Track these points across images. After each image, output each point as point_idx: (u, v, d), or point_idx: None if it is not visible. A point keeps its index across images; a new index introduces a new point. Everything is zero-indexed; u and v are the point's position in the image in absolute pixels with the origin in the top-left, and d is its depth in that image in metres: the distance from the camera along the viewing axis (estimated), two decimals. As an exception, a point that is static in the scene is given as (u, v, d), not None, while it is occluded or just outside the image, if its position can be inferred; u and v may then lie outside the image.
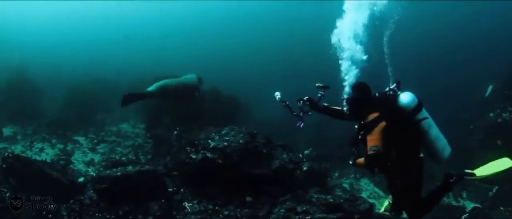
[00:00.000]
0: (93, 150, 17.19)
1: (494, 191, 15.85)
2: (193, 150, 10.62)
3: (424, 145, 6.69)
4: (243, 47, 53.43)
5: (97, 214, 9.47)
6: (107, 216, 9.39)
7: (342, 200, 10.05)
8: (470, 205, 14.92)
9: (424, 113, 6.56)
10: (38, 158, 14.44)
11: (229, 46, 54.10)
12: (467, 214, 8.75)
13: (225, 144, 10.34)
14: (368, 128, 6.12)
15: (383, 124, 6.08)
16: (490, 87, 19.95)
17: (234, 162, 10.28)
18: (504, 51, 34.39)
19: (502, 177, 7.80)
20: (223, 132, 10.88)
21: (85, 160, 15.83)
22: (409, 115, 6.45)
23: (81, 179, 11.79)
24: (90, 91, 22.77)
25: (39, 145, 16.71)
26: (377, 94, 6.69)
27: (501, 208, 14.61)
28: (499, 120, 17.91)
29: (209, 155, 10.24)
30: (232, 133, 10.78)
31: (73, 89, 22.59)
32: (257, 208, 9.82)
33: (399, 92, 6.55)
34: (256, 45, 53.42)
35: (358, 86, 6.66)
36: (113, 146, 17.71)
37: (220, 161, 10.19)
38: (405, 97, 6.43)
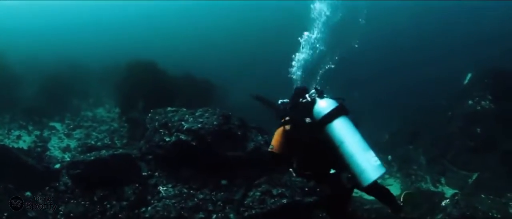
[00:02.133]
0: (69, 135, 17.13)
1: (473, 178, 15.87)
2: (166, 132, 10.43)
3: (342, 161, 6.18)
4: (221, 34, 53.33)
5: (72, 201, 9.36)
6: (82, 202, 9.25)
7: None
8: (448, 191, 14.94)
9: (339, 125, 6.15)
10: (15, 145, 14.34)
11: (206, 31, 54.01)
12: (448, 201, 8.63)
13: (199, 125, 10.13)
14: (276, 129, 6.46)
15: (286, 127, 6.35)
16: (469, 75, 20.00)
17: (208, 144, 10.08)
18: (485, 42, 34.73)
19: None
20: (197, 114, 10.69)
21: (61, 146, 15.78)
22: (316, 124, 6.27)
23: (57, 166, 11.60)
24: (66, 77, 22.57)
25: (16, 133, 16.69)
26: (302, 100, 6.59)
27: (482, 196, 14.62)
28: (478, 108, 17.94)
29: (182, 137, 10.04)
30: (206, 114, 10.59)
31: (49, 76, 22.36)
32: (233, 191, 9.70)
33: (318, 99, 6.40)
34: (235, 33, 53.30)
35: (295, 91, 6.85)
36: (88, 131, 17.66)
37: (194, 143, 10.00)
38: (318, 105, 6.29)
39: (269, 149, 6.40)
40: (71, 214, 8.91)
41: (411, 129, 20.98)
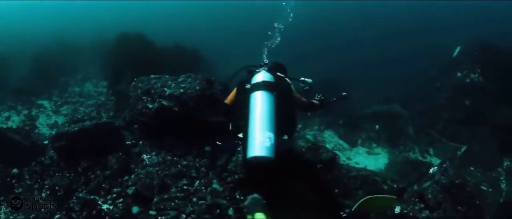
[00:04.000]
0: (56, 112, 17.16)
1: (462, 150, 15.88)
2: (149, 99, 10.33)
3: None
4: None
5: (57, 174, 9.27)
6: (67, 174, 9.18)
7: (303, 149, 9.85)
8: (437, 162, 14.94)
9: (257, 97, 6.53)
10: (4, 126, 14.36)
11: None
12: (436, 168, 8.56)
13: (181, 90, 10.05)
14: None
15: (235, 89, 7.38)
16: (458, 48, 20.00)
17: (191, 109, 10.01)
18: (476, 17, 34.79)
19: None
20: (179, 80, 10.57)
21: (49, 123, 15.76)
22: (247, 91, 6.76)
23: (46, 142, 11.55)
24: (53, 54, 22.55)
25: (6, 114, 16.73)
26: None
27: (471, 168, 14.61)
28: (467, 80, 17.95)
29: (165, 103, 9.96)
30: (189, 80, 10.46)
31: (37, 54, 22.34)
32: (216, 157, 9.60)
33: (261, 71, 6.99)
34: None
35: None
36: (76, 106, 17.76)
37: (176, 109, 9.93)
38: (255, 76, 6.87)
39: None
40: (56, 187, 8.81)
41: (399, 99, 21.06)
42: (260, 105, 6.37)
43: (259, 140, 6.07)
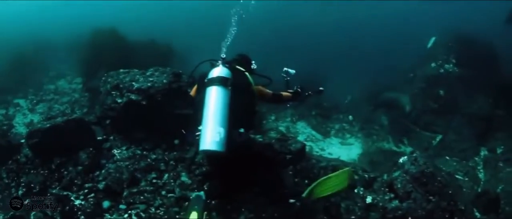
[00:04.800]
0: (32, 110, 17.15)
1: (437, 139, 15.96)
2: (118, 94, 10.29)
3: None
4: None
5: (32, 171, 9.29)
6: (41, 171, 9.21)
7: (273, 141, 9.90)
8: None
9: (212, 92, 6.72)
10: None
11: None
12: (406, 157, 8.58)
13: (149, 84, 10.01)
14: None
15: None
16: (432, 39, 20.13)
17: (159, 102, 10.00)
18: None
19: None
20: (147, 73, 10.56)
21: (25, 121, 15.74)
22: (204, 85, 6.97)
23: (22, 141, 11.54)
24: (27, 51, 22.46)
25: None
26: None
27: (447, 158, 14.68)
28: (441, 71, 18.02)
29: (133, 97, 9.92)
30: (156, 73, 10.45)
31: (10, 52, 22.24)
32: (185, 150, 9.65)
33: (219, 65, 7.08)
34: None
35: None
36: (51, 104, 17.69)
37: (144, 103, 9.90)
38: (212, 71, 6.99)
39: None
40: (32, 185, 8.82)
41: (372, 89, 21.15)
42: (213, 100, 6.56)
43: (210, 134, 6.33)
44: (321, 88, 8.41)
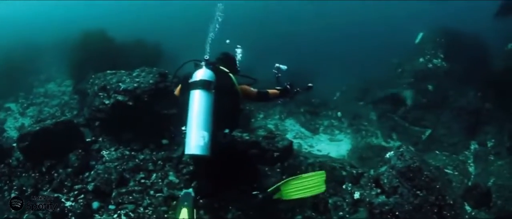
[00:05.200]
0: (23, 114, 17.20)
1: (427, 134, 15.99)
2: (105, 95, 10.38)
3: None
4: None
5: (24, 174, 9.39)
6: (33, 174, 9.31)
7: (260, 138, 9.95)
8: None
9: (195, 96, 6.73)
10: None
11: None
12: (392, 152, 8.60)
13: (135, 85, 10.12)
14: None
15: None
16: (420, 35, 20.19)
17: (145, 103, 10.10)
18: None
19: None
20: (134, 74, 10.67)
21: (16, 125, 15.77)
22: (188, 87, 6.95)
23: (14, 145, 11.60)
24: (16, 55, 22.45)
25: None
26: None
27: (437, 152, 14.71)
28: (430, 66, 18.07)
29: (120, 98, 10.02)
30: (143, 74, 10.56)
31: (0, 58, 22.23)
32: (173, 150, 9.76)
33: (203, 67, 7.04)
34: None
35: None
36: (41, 107, 17.72)
37: (130, 103, 9.99)
38: (196, 73, 6.95)
39: None
40: (24, 187, 8.89)
41: (361, 85, 21.17)
42: (196, 104, 6.62)
43: (194, 139, 6.43)
44: (310, 84, 8.36)
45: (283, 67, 8.07)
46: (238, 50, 8.25)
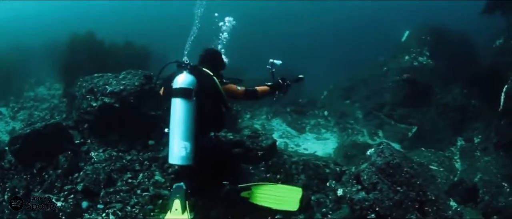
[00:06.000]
0: (14, 118, 17.27)
1: (413, 131, 16.10)
2: (93, 97, 10.59)
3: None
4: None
5: (16, 176, 9.62)
6: (24, 176, 9.55)
7: (244, 138, 10.11)
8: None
9: (176, 105, 6.73)
10: None
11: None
12: (373, 149, 8.72)
13: (121, 87, 10.34)
14: None
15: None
16: (406, 33, 20.34)
17: (131, 105, 10.31)
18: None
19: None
20: (120, 76, 10.91)
21: (7, 129, 15.86)
22: (170, 93, 6.91)
23: (6, 148, 11.76)
24: (6, 58, 22.50)
25: None
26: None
27: (422, 149, 14.83)
28: (415, 63, 18.22)
29: (107, 100, 10.22)
30: (129, 76, 10.81)
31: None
32: (158, 151, 9.98)
33: (183, 71, 6.91)
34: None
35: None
36: (31, 111, 17.82)
37: (117, 105, 10.20)
38: (177, 77, 6.86)
39: None
40: (16, 189, 9.11)
41: (347, 84, 21.28)
42: (178, 114, 6.64)
43: (176, 149, 6.58)
44: (300, 76, 8.43)
45: (278, 62, 8.09)
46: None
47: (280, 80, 8.16)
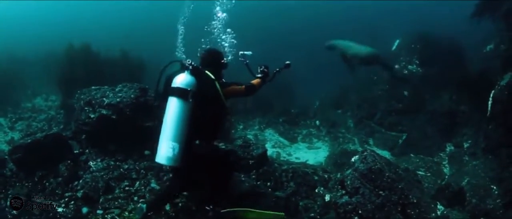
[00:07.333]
0: (12, 128, 17.38)
1: (403, 138, 16.27)
2: (91, 109, 11.01)
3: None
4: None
5: (17, 184, 9.97)
6: (26, 183, 9.93)
7: (236, 147, 10.46)
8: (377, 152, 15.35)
9: (171, 104, 6.76)
10: None
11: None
12: (357, 156, 9.05)
13: (118, 99, 10.78)
14: None
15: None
16: (397, 42, 20.46)
17: (128, 116, 10.73)
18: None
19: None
20: (117, 89, 11.32)
21: (6, 139, 16.01)
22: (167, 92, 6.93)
23: (6, 157, 12.04)
24: (3, 69, 22.60)
25: None
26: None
27: (411, 155, 15.05)
28: (405, 72, 18.32)
29: (104, 112, 10.68)
30: (125, 89, 11.24)
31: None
32: (154, 160, 10.17)
33: (182, 72, 6.90)
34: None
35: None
36: (29, 122, 17.96)
37: (114, 117, 10.65)
38: (176, 77, 6.85)
39: None
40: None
41: (338, 93, 21.39)
42: (171, 113, 6.67)
43: (164, 149, 6.65)
44: (287, 62, 8.30)
45: (248, 53, 8.01)
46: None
47: (265, 69, 8.09)
